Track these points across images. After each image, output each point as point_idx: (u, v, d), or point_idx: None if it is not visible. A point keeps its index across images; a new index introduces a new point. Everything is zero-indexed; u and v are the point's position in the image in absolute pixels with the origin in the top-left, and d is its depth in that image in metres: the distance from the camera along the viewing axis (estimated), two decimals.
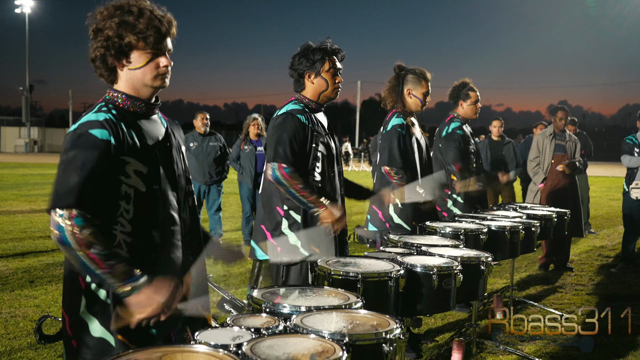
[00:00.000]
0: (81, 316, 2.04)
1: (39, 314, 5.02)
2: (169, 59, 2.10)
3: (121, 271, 1.90)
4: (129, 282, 1.91)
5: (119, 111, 2.06)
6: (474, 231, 3.93)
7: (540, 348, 4.42)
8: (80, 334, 2.05)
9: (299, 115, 3.20)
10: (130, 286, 1.91)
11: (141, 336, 2.03)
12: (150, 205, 2.05)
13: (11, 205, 12.92)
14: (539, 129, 9.83)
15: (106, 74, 2.09)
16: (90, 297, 2.03)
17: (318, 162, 3.22)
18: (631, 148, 7.12)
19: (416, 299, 2.91)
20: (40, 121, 58.57)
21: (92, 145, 1.94)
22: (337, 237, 3.30)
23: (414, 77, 4.35)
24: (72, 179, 1.90)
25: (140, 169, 2.03)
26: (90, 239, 1.88)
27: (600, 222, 11.40)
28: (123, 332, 2.00)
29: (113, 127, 1.99)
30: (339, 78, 3.29)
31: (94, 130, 1.96)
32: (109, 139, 1.96)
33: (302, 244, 3.18)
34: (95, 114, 2.02)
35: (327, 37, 3.32)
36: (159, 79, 2.09)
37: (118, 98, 2.09)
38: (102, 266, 1.89)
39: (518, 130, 33.91)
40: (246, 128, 8.45)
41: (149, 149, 2.07)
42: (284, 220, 3.22)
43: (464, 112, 5.37)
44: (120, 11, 2.02)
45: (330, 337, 1.88)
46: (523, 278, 6.84)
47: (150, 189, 2.05)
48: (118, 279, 1.90)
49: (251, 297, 2.33)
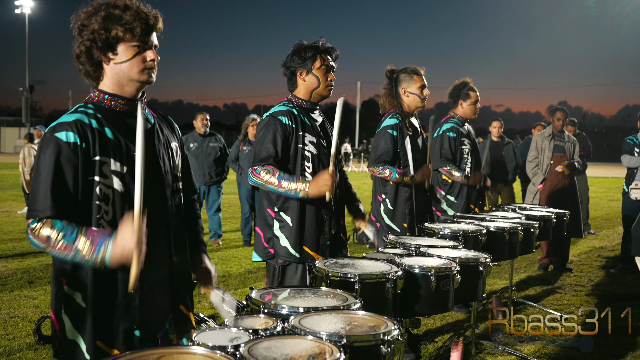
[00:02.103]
0: (62, 317, 2.04)
1: (38, 315, 5.03)
2: (155, 54, 2.08)
3: (86, 247, 1.88)
4: (97, 252, 1.88)
5: (97, 110, 2.04)
6: (473, 232, 3.92)
7: (540, 349, 4.41)
8: (61, 336, 2.04)
9: (280, 117, 3.19)
10: (101, 254, 1.88)
11: (124, 339, 2.02)
12: (129, 205, 1.99)
13: (11, 205, 12.92)
14: (538, 130, 9.84)
15: (91, 70, 2.06)
16: (68, 299, 2.02)
17: (308, 162, 3.20)
18: (631, 148, 7.13)
19: (415, 300, 2.90)
20: (40, 121, 58.43)
21: (54, 149, 1.93)
22: (336, 236, 3.30)
23: (405, 75, 4.35)
24: (35, 186, 1.94)
25: (118, 169, 2.01)
26: (45, 232, 1.89)
27: (600, 223, 11.40)
28: (102, 337, 1.99)
29: (82, 127, 1.97)
30: (331, 76, 3.27)
31: (59, 133, 1.95)
32: (75, 141, 1.94)
33: (293, 245, 3.18)
34: (69, 115, 2.01)
35: (321, 36, 3.32)
36: (145, 73, 2.06)
37: (99, 97, 2.07)
38: (69, 250, 1.89)
39: (518, 131, 33.89)
40: (245, 129, 8.45)
41: (128, 148, 2.04)
42: (275, 222, 3.23)
43: (463, 111, 5.38)
44: (106, 6, 2.02)
45: (328, 338, 1.87)
46: (522, 279, 6.84)
47: (130, 189, 2.00)
48: (88, 256, 1.89)
49: (249, 297, 2.33)
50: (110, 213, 2.00)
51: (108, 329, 2.01)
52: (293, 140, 3.18)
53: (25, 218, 1.97)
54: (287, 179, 3.07)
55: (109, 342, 2.01)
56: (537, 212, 5.17)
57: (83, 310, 1.99)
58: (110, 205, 2.00)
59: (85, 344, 2.00)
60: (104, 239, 1.89)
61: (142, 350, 1.76)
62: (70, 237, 1.89)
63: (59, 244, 1.89)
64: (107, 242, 1.88)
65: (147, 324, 2.07)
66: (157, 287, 2.11)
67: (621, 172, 8.10)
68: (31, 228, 1.93)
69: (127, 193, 2.01)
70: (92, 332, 1.98)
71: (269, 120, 3.20)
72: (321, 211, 3.21)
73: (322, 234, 3.22)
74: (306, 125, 3.24)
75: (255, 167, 3.14)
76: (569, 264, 7.33)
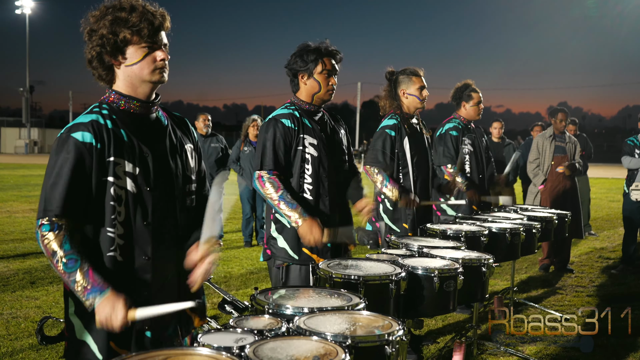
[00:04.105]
0: (70, 318, 2.05)
1: (41, 315, 5.03)
2: (165, 53, 2.08)
3: (80, 286, 1.89)
4: (87, 298, 1.90)
5: (112, 111, 2.05)
6: (475, 233, 3.93)
7: (541, 349, 4.42)
8: (70, 336, 2.06)
9: (283, 120, 3.19)
10: (90, 302, 1.90)
11: (136, 340, 2.04)
12: (142, 206, 2.03)
13: (12, 206, 12.92)
14: (536, 131, 9.85)
15: (104, 74, 2.07)
16: (76, 299, 2.02)
17: (308, 165, 3.20)
18: (632, 149, 7.14)
19: (417, 301, 2.91)
20: (41, 122, 58.64)
21: (71, 149, 1.94)
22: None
23: (404, 76, 4.36)
24: (49, 186, 1.94)
25: (131, 170, 2.02)
26: (54, 247, 1.89)
27: (601, 224, 11.40)
28: (115, 337, 2.00)
29: (98, 128, 1.98)
30: (332, 80, 3.25)
31: (75, 134, 1.96)
32: (90, 142, 1.96)
33: (292, 247, 3.19)
34: (85, 115, 2.02)
35: (326, 38, 3.31)
36: (157, 73, 2.06)
37: (113, 98, 2.08)
38: (66, 277, 1.91)
39: (518, 131, 33.87)
40: (245, 129, 8.46)
41: (141, 149, 2.05)
42: (272, 224, 3.25)
43: (466, 113, 5.39)
44: (112, 9, 2.02)
45: (333, 339, 1.88)
46: (523, 280, 6.84)
47: (142, 190, 2.03)
48: (80, 293, 1.91)
49: (254, 298, 2.34)
50: (123, 214, 2.01)
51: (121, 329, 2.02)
52: (294, 143, 3.19)
53: (37, 217, 1.96)
54: (287, 202, 3.07)
55: (122, 343, 2.02)
56: (539, 213, 5.18)
57: (93, 310, 1.99)
58: (123, 206, 2.00)
59: (97, 344, 2.01)
60: (96, 290, 1.90)
61: (148, 351, 1.77)
62: (71, 269, 1.89)
63: (59, 266, 1.90)
64: (98, 296, 1.89)
65: (158, 325, 2.08)
66: (165, 288, 2.12)
67: (621, 173, 8.10)
68: (42, 234, 1.92)
69: (140, 194, 2.03)
70: (105, 332, 1.98)
71: (271, 124, 3.21)
72: (322, 213, 3.20)
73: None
74: (307, 127, 3.24)
75: (262, 175, 3.13)
76: (570, 265, 7.33)
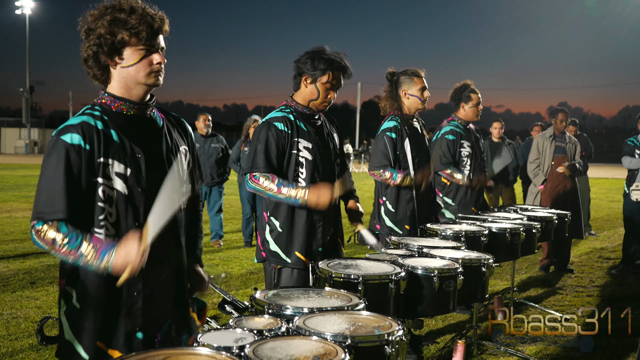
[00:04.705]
0: (61, 318, 2.06)
1: (41, 315, 5.04)
2: (162, 56, 2.08)
3: (91, 253, 1.90)
4: (101, 259, 1.91)
5: (104, 112, 2.05)
6: (475, 233, 3.93)
7: (541, 350, 4.42)
8: (60, 336, 2.07)
9: (276, 123, 3.18)
10: (105, 262, 1.91)
11: (126, 341, 2.04)
12: (133, 207, 2.03)
13: (12, 206, 12.92)
14: (536, 131, 9.86)
15: (99, 74, 2.07)
16: (66, 299, 2.04)
17: (302, 168, 3.18)
18: (632, 150, 7.14)
19: (417, 301, 2.91)
20: (41, 122, 58.60)
21: (61, 152, 1.95)
22: (331, 241, 3.30)
23: (406, 77, 4.35)
24: (40, 190, 1.96)
25: (122, 171, 2.02)
26: (51, 234, 1.91)
27: (601, 224, 11.40)
28: (103, 337, 2.00)
29: (87, 130, 1.98)
30: (332, 94, 3.23)
31: (64, 136, 1.97)
32: (79, 143, 1.96)
33: (284, 251, 3.19)
34: (76, 117, 2.03)
35: (344, 52, 3.25)
36: (152, 77, 2.06)
37: (107, 99, 2.07)
38: (73, 255, 1.92)
39: (518, 131, 33.87)
40: (246, 130, 8.46)
41: (133, 150, 2.05)
42: (267, 226, 3.25)
43: (465, 114, 5.38)
44: (112, 9, 2.02)
45: (333, 339, 1.88)
46: (523, 280, 6.84)
47: (134, 191, 2.03)
48: (92, 261, 1.91)
49: (254, 298, 2.34)
50: (114, 215, 2.01)
51: (110, 329, 2.02)
52: (288, 147, 3.18)
53: (31, 220, 1.97)
54: (287, 185, 3.08)
55: (110, 342, 2.02)
56: (539, 213, 5.18)
57: (78, 311, 2.01)
58: (114, 207, 2.01)
59: (83, 344, 2.01)
60: (108, 248, 1.92)
61: (147, 351, 1.77)
62: (75, 243, 1.91)
63: (63, 248, 1.91)
64: (111, 251, 1.91)
65: (150, 326, 2.08)
66: (159, 289, 2.11)
67: (622, 173, 8.10)
68: (36, 230, 1.94)
69: (131, 195, 2.03)
70: (92, 332, 1.99)
71: (264, 127, 3.19)
72: (313, 217, 3.19)
73: (314, 240, 3.20)
74: (302, 131, 3.22)
75: (254, 174, 3.13)
76: (570, 265, 7.33)
